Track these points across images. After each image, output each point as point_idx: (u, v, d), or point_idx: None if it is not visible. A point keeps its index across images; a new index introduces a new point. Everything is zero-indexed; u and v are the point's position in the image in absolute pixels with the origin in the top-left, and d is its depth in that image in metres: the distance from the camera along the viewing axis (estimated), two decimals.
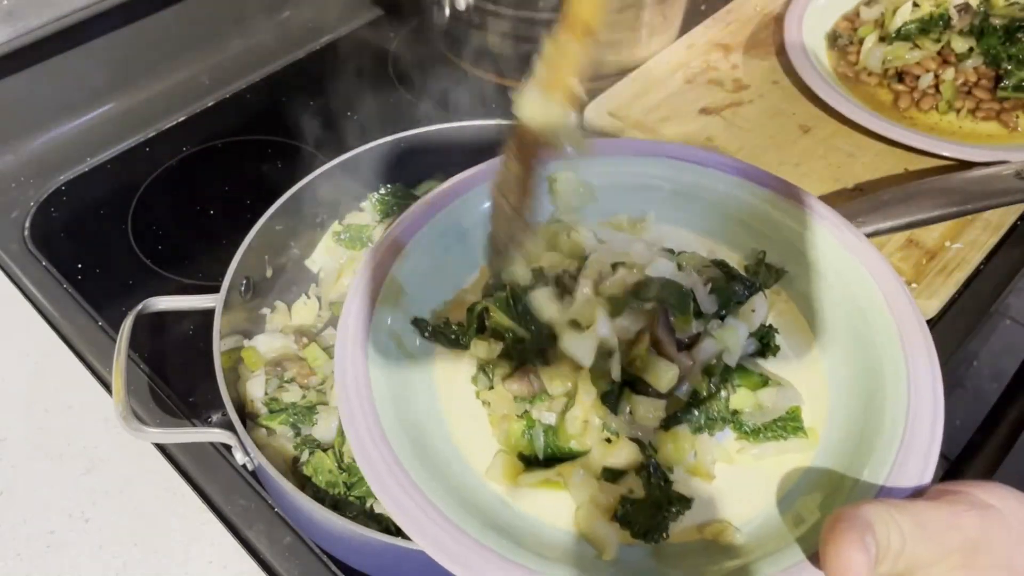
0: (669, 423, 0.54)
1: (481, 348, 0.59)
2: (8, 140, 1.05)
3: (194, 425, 0.78)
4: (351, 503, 0.69)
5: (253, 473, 0.74)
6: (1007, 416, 0.88)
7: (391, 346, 0.59)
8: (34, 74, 1.03)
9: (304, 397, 0.75)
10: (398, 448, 0.52)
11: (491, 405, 0.58)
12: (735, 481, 0.54)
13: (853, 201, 0.83)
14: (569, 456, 0.55)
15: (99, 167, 1.06)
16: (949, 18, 1.03)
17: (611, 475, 0.54)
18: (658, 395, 0.54)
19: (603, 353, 0.55)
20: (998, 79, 0.99)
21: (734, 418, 0.56)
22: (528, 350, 0.58)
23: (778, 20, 1.14)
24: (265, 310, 0.84)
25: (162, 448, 0.77)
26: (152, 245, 0.96)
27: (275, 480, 0.63)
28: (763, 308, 0.60)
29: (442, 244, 0.66)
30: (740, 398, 0.56)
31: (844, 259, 0.61)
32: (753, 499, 0.53)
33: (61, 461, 0.76)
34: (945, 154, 0.93)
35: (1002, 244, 0.89)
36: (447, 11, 1.11)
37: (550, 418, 0.55)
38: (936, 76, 1.02)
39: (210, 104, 1.15)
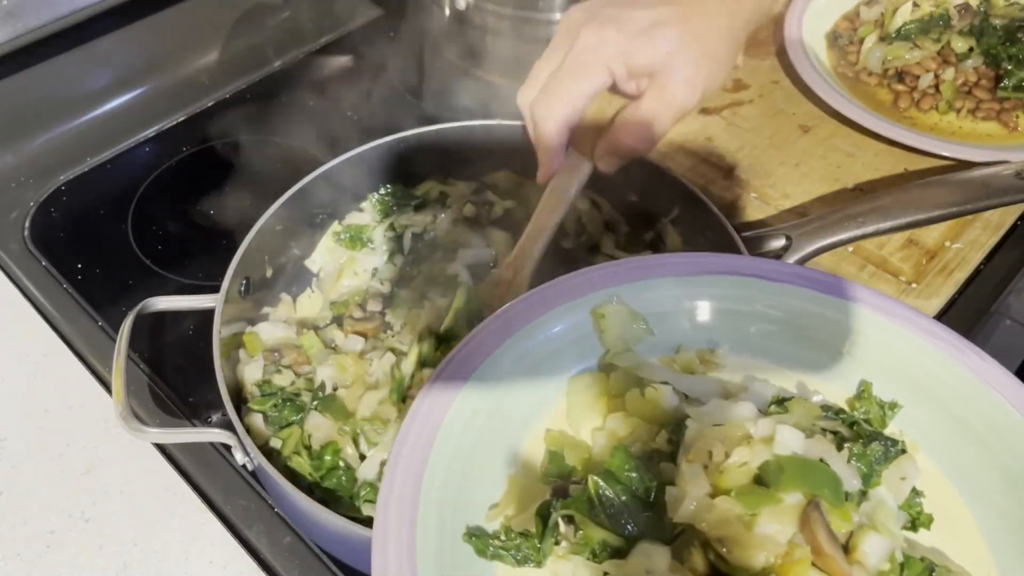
0: None
1: (567, 569, 0.46)
2: (8, 140, 1.05)
3: (194, 425, 0.78)
4: (338, 497, 0.69)
5: (253, 473, 0.74)
6: None
7: (442, 561, 0.46)
8: (34, 74, 1.03)
9: (293, 384, 0.75)
10: None
11: None
12: None
13: (853, 201, 0.83)
14: None
15: (99, 167, 1.06)
16: (949, 18, 1.03)
17: None
18: None
19: None
20: (998, 79, 0.99)
21: None
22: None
23: (778, 20, 1.14)
24: (266, 309, 0.84)
25: (162, 448, 0.77)
26: (152, 245, 0.96)
27: (275, 480, 0.63)
28: (915, 473, 0.47)
29: (476, 425, 0.51)
30: None
31: (975, 388, 0.50)
32: None
33: (61, 461, 0.76)
34: (945, 154, 0.93)
35: (1002, 244, 0.89)
36: (447, 11, 1.11)
37: None
38: (936, 76, 1.02)
39: (210, 104, 1.15)
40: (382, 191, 0.90)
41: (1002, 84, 0.99)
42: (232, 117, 1.13)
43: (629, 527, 0.45)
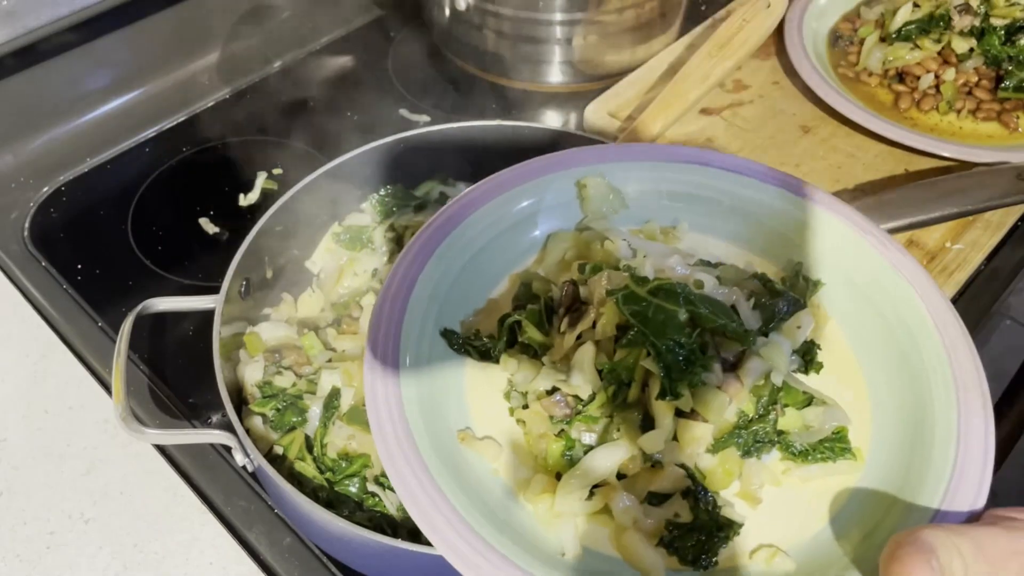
0: (716, 447, 0.52)
1: (512, 364, 0.57)
2: (8, 140, 1.05)
3: (194, 426, 0.78)
4: (345, 498, 0.69)
5: (253, 474, 0.74)
6: (1007, 416, 0.88)
7: (420, 357, 0.57)
8: (34, 74, 1.03)
9: (295, 385, 0.75)
10: (431, 464, 0.50)
11: (527, 424, 0.55)
12: (782, 504, 0.52)
13: (854, 202, 0.83)
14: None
15: (99, 167, 1.06)
16: (949, 19, 1.03)
17: (656, 499, 0.52)
18: (705, 420, 0.51)
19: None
20: (999, 80, 0.99)
21: (781, 439, 0.53)
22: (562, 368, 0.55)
23: (778, 20, 1.14)
24: (267, 310, 0.84)
25: (162, 449, 0.77)
26: (152, 246, 0.96)
27: (275, 481, 0.63)
28: (808, 324, 0.57)
29: (469, 252, 0.63)
30: (787, 419, 0.53)
31: (888, 275, 0.59)
32: (801, 522, 0.51)
33: (61, 461, 0.76)
34: (945, 155, 0.93)
35: (1002, 245, 0.89)
36: (447, 11, 1.11)
37: (591, 438, 0.53)
38: (936, 77, 1.02)
39: (210, 104, 1.15)
40: (382, 192, 0.90)
41: (1002, 85, 0.99)
42: (232, 117, 1.13)
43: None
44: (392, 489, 0.69)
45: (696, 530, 0.50)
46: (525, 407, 0.56)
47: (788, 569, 0.49)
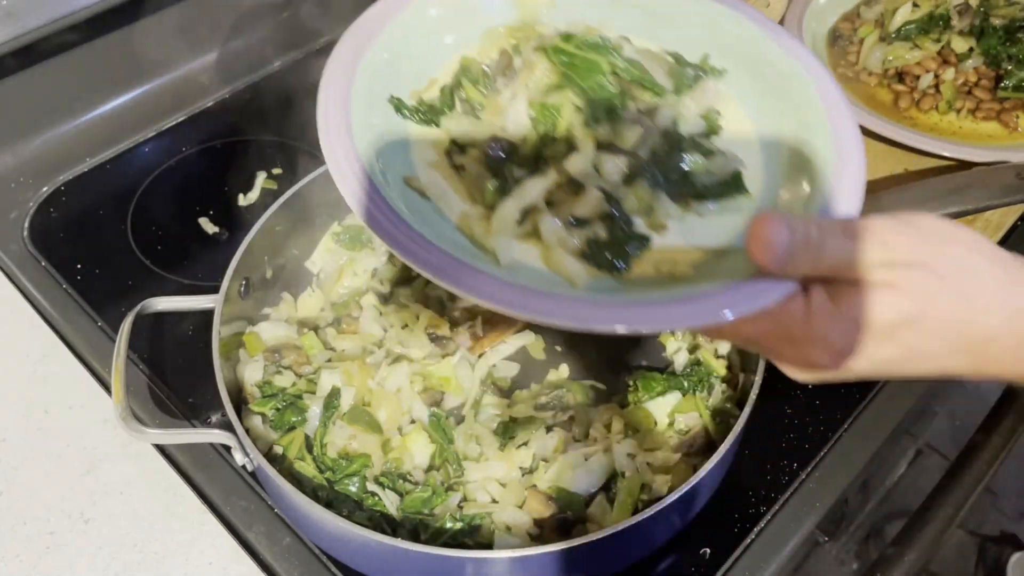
0: (631, 179, 0.60)
1: (453, 123, 0.64)
2: (8, 140, 1.05)
3: (193, 426, 0.78)
4: (344, 498, 0.69)
5: (253, 474, 0.74)
6: (1007, 416, 0.88)
7: (369, 120, 0.63)
8: (34, 74, 1.03)
9: (294, 385, 0.75)
10: (384, 192, 0.56)
11: (466, 168, 0.62)
12: (686, 232, 0.61)
13: None
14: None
15: (99, 167, 1.06)
16: (949, 18, 1.03)
17: (579, 222, 0.59)
18: (621, 152, 0.60)
19: None
20: (998, 79, 0.99)
21: (685, 179, 0.62)
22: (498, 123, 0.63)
23: (778, 20, 1.14)
24: (267, 310, 0.84)
25: (162, 449, 0.77)
26: (151, 245, 0.96)
27: (275, 481, 0.63)
28: (713, 89, 0.67)
29: (412, 35, 0.68)
30: (691, 161, 0.63)
31: (779, 56, 0.68)
32: (701, 244, 0.60)
33: (61, 461, 0.76)
34: (945, 154, 0.93)
35: (1002, 244, 0.89)
36: None
37: (522, 174, 0.60)
38: (936, 76, 1.01)
39: (210, 104, 1.15)
40: None
41: (1002, 84, 0.99)
42: (232, 117, 1.13)
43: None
44: (392, 488, 0.69)
45: (613, 243, 0.58)
46: (464, 154, 0.63)
47: (687, 272, 0.57)
